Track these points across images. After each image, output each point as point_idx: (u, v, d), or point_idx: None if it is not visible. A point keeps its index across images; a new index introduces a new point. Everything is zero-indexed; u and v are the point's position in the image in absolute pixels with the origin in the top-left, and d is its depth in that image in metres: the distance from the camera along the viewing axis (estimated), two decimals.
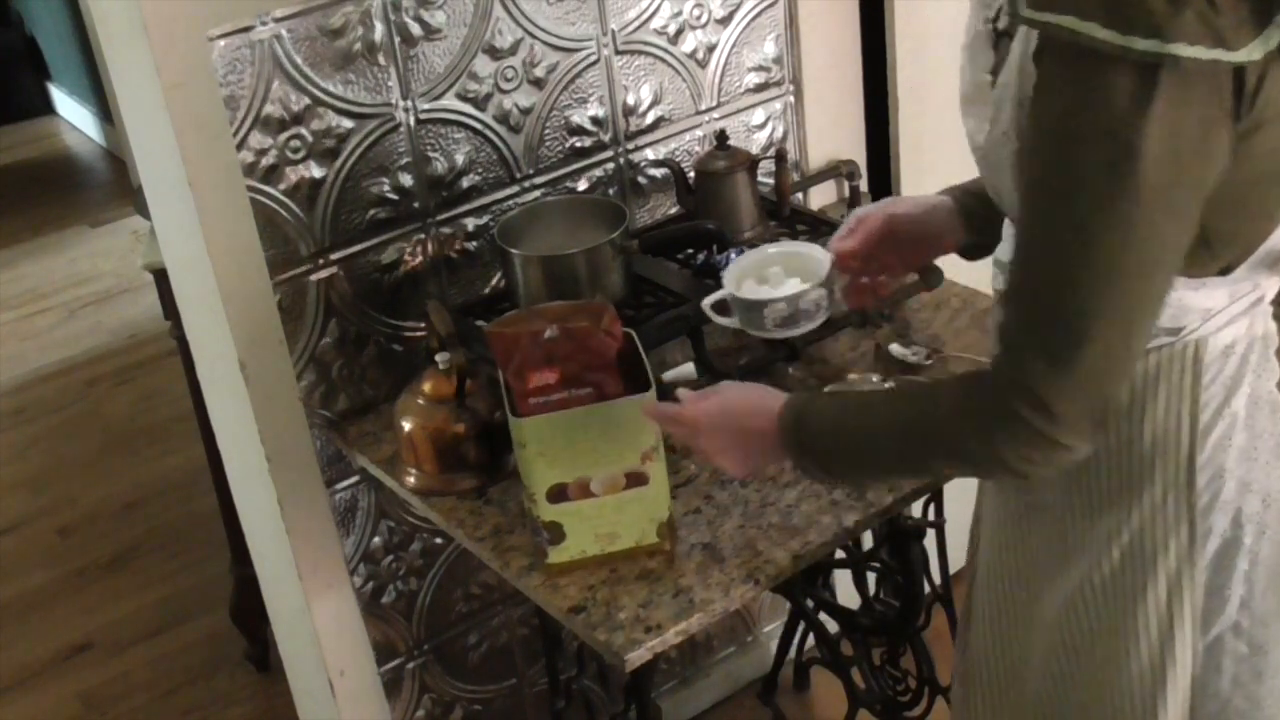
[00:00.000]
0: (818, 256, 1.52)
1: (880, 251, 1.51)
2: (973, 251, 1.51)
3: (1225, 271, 1.19)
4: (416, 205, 1.95)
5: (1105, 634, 1.31)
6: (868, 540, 2.24)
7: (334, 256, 1.90)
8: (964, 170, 1.36)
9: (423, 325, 1.94)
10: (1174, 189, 1.07)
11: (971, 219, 1.47)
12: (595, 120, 2.08)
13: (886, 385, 1.76)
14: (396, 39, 1.84)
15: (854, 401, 1.33)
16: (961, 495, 2.04)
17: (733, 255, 1.91)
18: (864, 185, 2.39)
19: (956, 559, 2.27)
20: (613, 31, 2.04)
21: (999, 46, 1.20)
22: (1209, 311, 1.20)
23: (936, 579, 2.18)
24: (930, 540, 2.07)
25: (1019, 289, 1.16)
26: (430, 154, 1.93)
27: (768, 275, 1.54)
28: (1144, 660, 1.29)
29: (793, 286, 1.51)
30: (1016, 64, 1.12)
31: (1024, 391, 1.13)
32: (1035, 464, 1.17)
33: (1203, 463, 1.24)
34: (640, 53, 2.09)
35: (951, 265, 2.05)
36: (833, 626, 2.27)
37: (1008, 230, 1.32)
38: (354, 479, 2.03)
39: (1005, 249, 1.32)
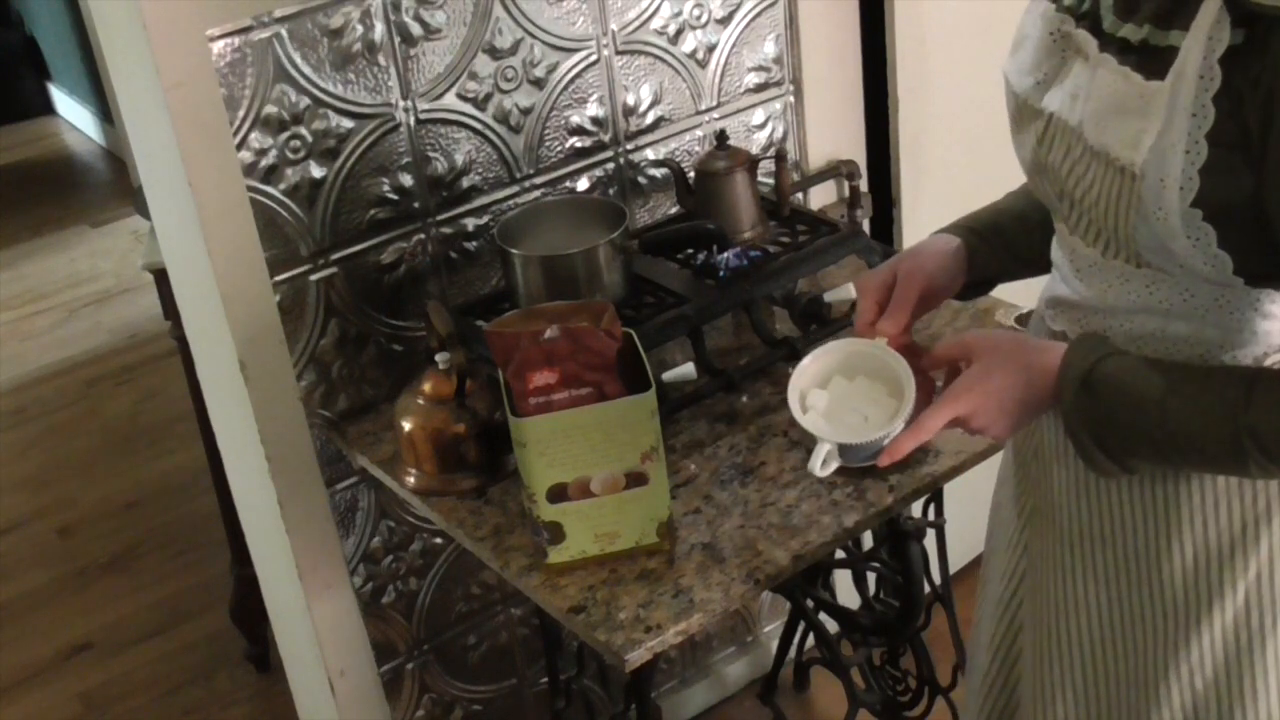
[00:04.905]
0: (871, 352, 1.35)
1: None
2: (966, 292, 1.45)
3: None
4: (416, 205, 1.95)
5: (1229, 679, 1.27)
6: (868, 540, 2.24)
7: (334, 256, 1.90)
8: (964, 170, 1.35)
9: (423, 325, 1.94)
10: None
11: (974, 259, 1.42)
12: (595, 120, 2.08)
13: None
14: (396, 39, 1.84)
15: (1168, 372, 1.15)
16: (961, 495, 2.05)
17: (732, 256, 1.91)
18: (864, 185, 2.39)
19: (956, 559, 2.28)
20: (613, 32, 2.04)
21: (1106, 53, 1.15)
22: None
23: (936, 579, 2.18)
24: (930, 540, 2.07)
25: None
26: (430, 154, 1.93)
27: (830, 388, 1.36)
28: (1272, 699, 1.26)
29: (887, 408, 1.33)
30: (1195, 69, 1.06)
31: None
32: None
33: None
34: (640, 53, 2.09)
35: None
36: (833, 626, 2.27)
37: (1065, 264, 1.28)
38: (354, 479, 2.03)
39: (1063, 285, 1.29)
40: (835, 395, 1.35)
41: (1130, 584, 1.30)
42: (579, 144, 2.07)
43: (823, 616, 2.28)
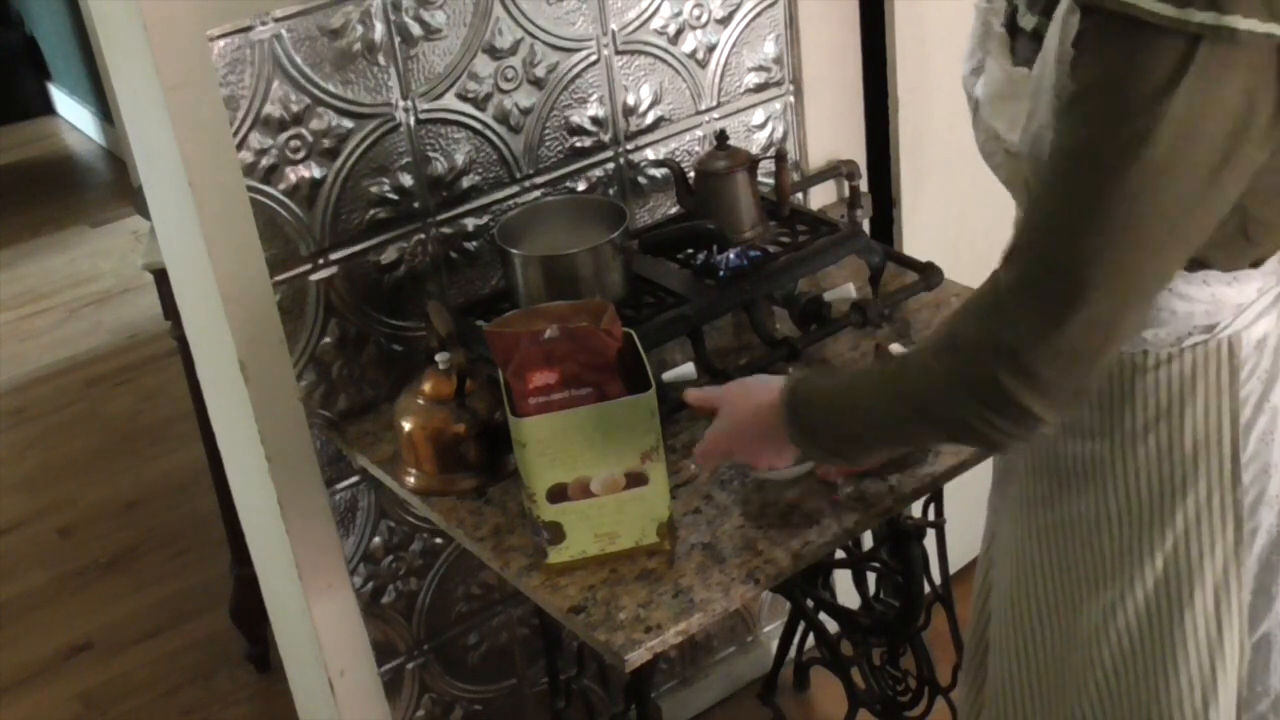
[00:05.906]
0: None
1: None
2: None
3: (1257, 264, 1.18)
4: (416, 205, 1.95)
5: (1152, 644, 1.30)
6: (868, 540, 2.24)
7: (334, 256, 1.90)
8: (963, 170, 1.36)
9: (423, 325, 1.93)
10: (1194, 169, 1.04)
11: None
12: (595, 120, 2.08)
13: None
14: (396, 39, 1.84)
15: (850, 375, 1.35)
16: (961, 495, 2.04)
17: (732, 256, 1.91)
18: (864, 185, 2.39)
19: (956, 559, 2.27)
20: (613, 31, 2.04)
21: (1017, 41, 1.21)
22: (1241, 306, 1.20)
23: (936, 579, 2.18)
24: (930, 540, 2.07)
25: (1021, 246, 1.14)
26: (430, 154, 1.93)
27: None
28: (1193, 666, 1.29)
29: None
30: (1054, 53, 1.11)
31: (1005, 353, 1.11)
32: (1001, 431, 1.15)
33: (1247, 459, 1.23)
34: (640, 53, 2.09)
35: (951, 265, 2.05)
36: (833, 626, 2.27)
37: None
38: (354, 479, 2.03)
39: None
40: None
41: (1070, 547, 1.34)
42: (579, 144, 2.07)
43: (823, 616, 2.28)
